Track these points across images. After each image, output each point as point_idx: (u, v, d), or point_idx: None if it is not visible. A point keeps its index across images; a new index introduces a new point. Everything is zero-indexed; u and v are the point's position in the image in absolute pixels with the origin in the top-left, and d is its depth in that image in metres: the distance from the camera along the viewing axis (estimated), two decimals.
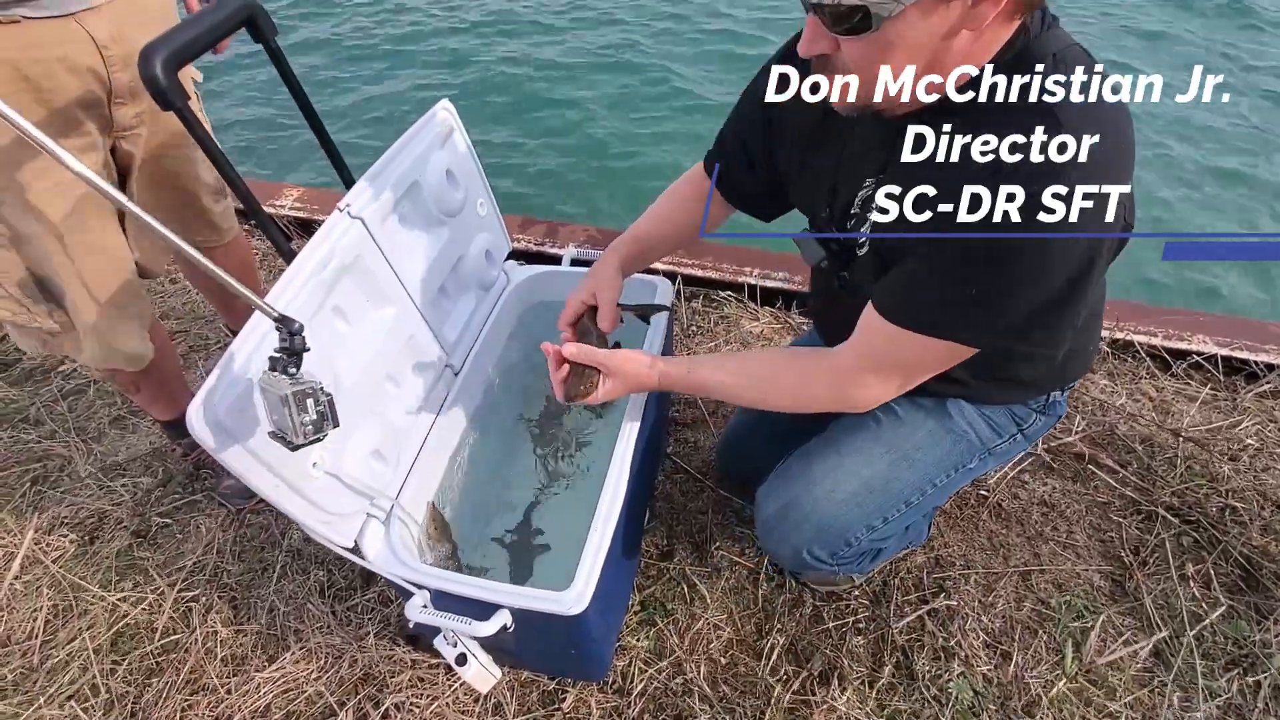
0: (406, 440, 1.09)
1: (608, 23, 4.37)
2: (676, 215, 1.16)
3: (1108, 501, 1.49)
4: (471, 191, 1.19)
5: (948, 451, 1.06)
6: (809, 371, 0.94)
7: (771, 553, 1.13)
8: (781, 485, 1.08)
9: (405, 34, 4.46)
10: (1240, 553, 1.37)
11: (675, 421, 1.70)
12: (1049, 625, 1.32)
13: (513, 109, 3.70)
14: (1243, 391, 1.67)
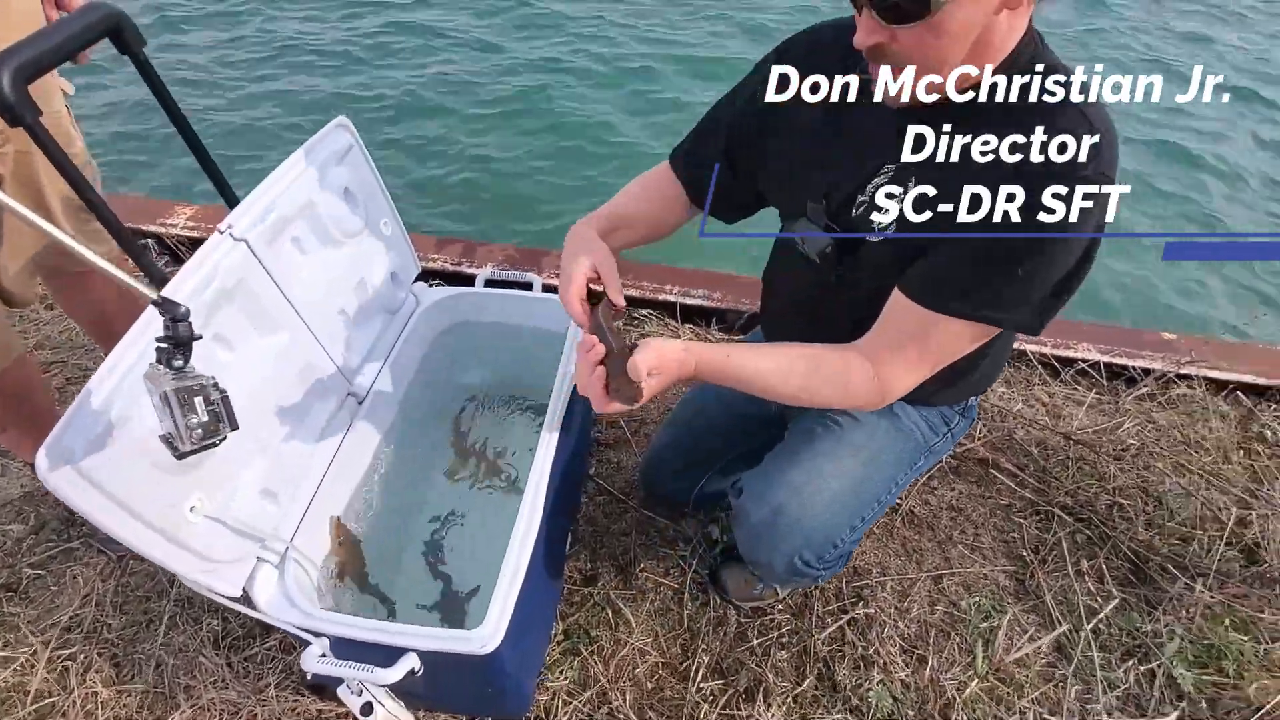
0: (303, 475, 1.02)
1: (525, 38, 4.35)
2: (653, 207, 1.10)
3: (1009, 504, 1.57)
4: (373, 211, 1.14)
5: (903, 449, 1.10)
6: (850, 362, 0.89)
7: (762, 562, 1.07)
8: (764, 493, 1.06)
9: (305, 46, 4.27)
10: (1129, 547, 1.47)
11: (598, 442, 1.67)
12: (960, 627, 1.37)
13: (425, 126, 3.60)
14: (1124, 395, 1.79)
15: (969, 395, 1.14)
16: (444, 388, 1.45)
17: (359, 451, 1.16)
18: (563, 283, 0.93)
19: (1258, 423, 1.75)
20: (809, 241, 0.98)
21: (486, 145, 3.44)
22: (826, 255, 0.96)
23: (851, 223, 0.91)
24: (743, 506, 1.09)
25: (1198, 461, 1.65)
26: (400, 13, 4.57)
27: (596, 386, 0.82)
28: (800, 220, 0.98)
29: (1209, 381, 1.79)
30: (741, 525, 1.09)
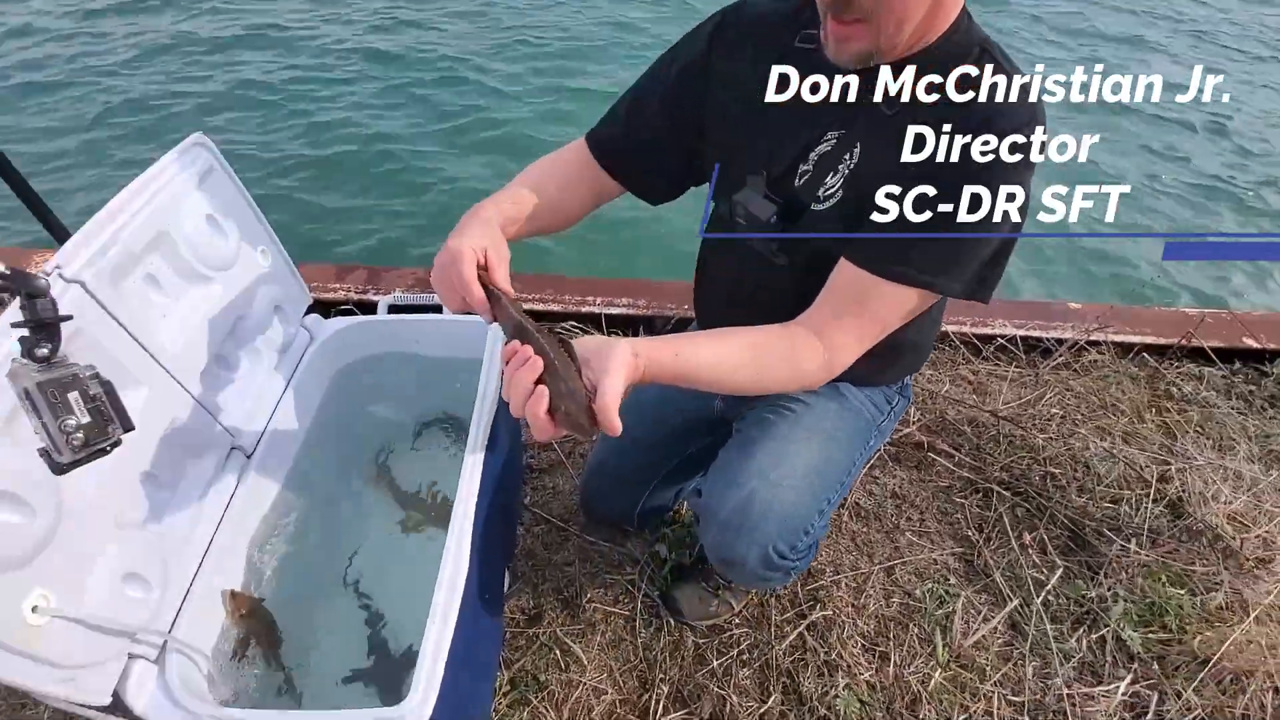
0: (180, 550, 0.87)
1: (404, 48, 4.18)
2: (563, 194, 0.99)
3: (949, 485, 1.57)
4: (247, 239, 1.01)
5: (855, 428, 1.08)
6: (796, 339, 0.85)
7: (735, 560, 0.98)
8: (730, 485, 0.98)
9: (159, 53, 3.86)
10: (1065, 516, 1.49)
11: (530, 468, 1.57)
12: (917, 617, 1.35)
13: (313, 146, 3.37)
14: (1041, 366, 1.85)
15: (905, 375, 1.15)
16: (354, 427, 1.32)
17: (254, 511, 1.02)
18: (449, 259, 0.77)
19: (1164, 381, 1.84)
20: (750, 217, 0.93)
21: (388, 165, 3.26)
22: (770, 226, 0.92)
23: (794, 193, 0.89)
24: (708, 505, 1.01)
25: (1116, 424, 1.70)
26: (265, 16, 4.29)
27: (538, 410, 0.67)
28: (740, 193, 0.94)
29: (1116, 346, 1.87)
30: (710, 524, 1.01)
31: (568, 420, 0.67)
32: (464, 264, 0.77)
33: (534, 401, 0.67)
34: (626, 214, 2.91)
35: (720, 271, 1.11)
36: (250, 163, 3.14)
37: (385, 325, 1.21)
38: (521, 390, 0.68)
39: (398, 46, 4.11)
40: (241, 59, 3.87)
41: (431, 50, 4.06)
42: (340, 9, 4.46)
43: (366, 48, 4.07)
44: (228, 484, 0.97)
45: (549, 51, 4.17)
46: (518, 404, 0.68)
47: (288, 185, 3.08)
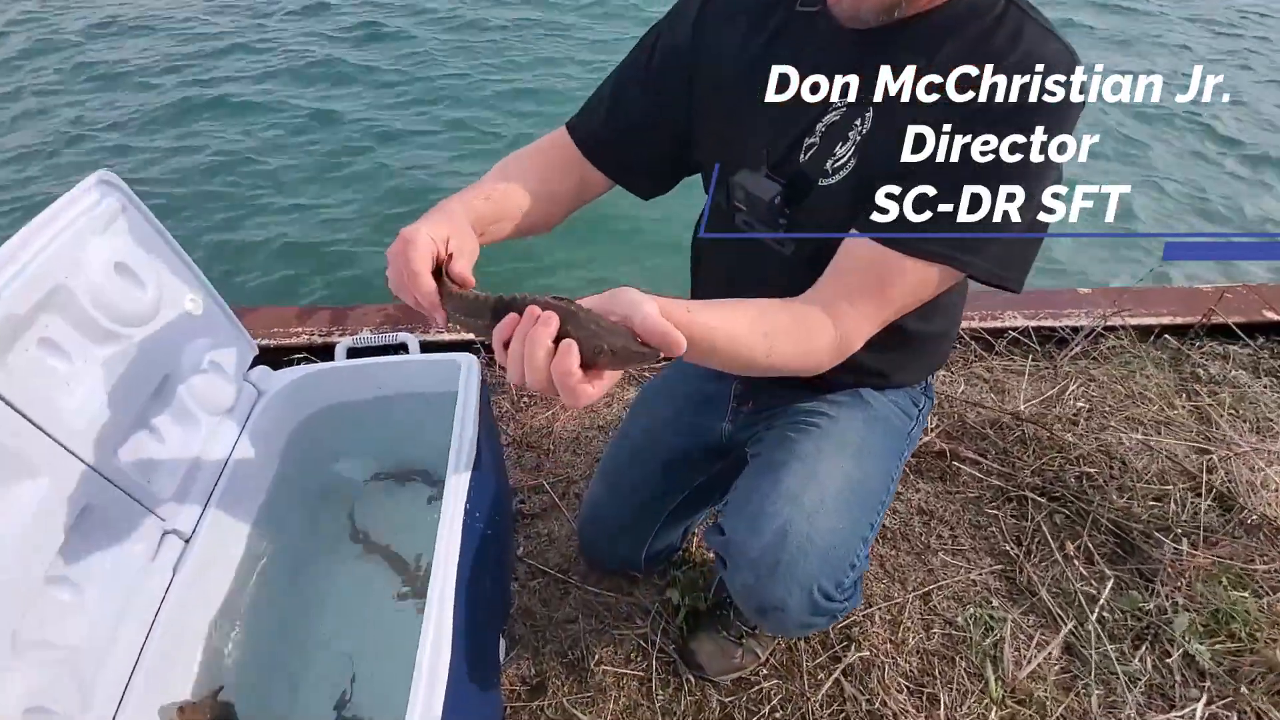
0: (100, 668, 0.72)
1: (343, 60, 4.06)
2: (547, 189, 0.89)
3: (979, 495, 1.44)
4: (170, 287, 0.87)
5: (887, 438, 0.97)
6: (808, 316, 0.76)
7: (774, 606, 0.83)
8: (759, 516, 0.84)
9: (58, 79, 3.65)
10: (1108, 519, 1.37)
11: (521, 514, 1.43)
12: (963, 648, 1.21)
13: (255, 181, 3.20)
14: (1058, 358, 1.73)
15: (929, 372, 1.05)
16: (318, 488, 1.17)
17: (200, 603, 0.87)
18: (399, 248, 0.66)
19: (1189, 363, 1.73)
20: (752, 200, 0.82)
21: (339, 197, 3.12)
22: (773, 207, 0.82)
23: (799, 169, 0.80)
24: (734, 543, 0.87)
25: (1146, 413, 1.59)
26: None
27: (569, 366, 0.52)
28: (738, 174, 0.83)
29: (1135, 329, 1.76)
30: (739, 567, 0.86)
31: (619, 354, 0.53)
32: (415, 249, 0.65)
33: (560, 359, 0.52)
34: (608, 210, 2.80)
35: (719, 264, 1.01)
36: (187, 201, 2.98)
37: (343, 372, 1.08)
38: (540, 352, 0.53)
39: (364, 60, 4.01)
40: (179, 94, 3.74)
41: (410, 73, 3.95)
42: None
43: (319, 68, 3.95)
44: (161, 577, 0.82)
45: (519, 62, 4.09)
46: (539, 373, 0.53)
47: (245, 224, 2.94)
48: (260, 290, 2.64)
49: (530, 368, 0.53)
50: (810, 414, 0.95)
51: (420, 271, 0.65)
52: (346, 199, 3.09)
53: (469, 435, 0.96)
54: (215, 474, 0.91)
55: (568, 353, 0.52)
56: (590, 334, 0.53)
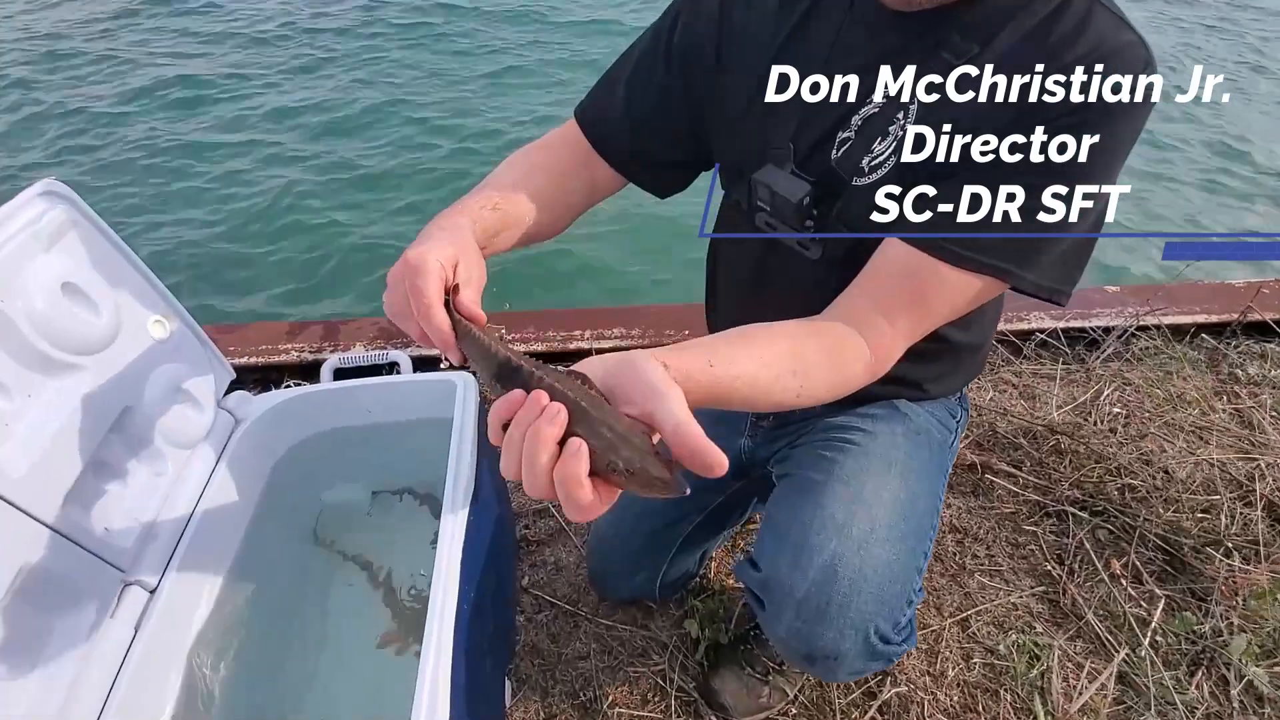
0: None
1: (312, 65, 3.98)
2: (557, 189, 0.80)
3: (1014, 511, 1.35)
4: (128, 309, 0.78)
5: (930, 454, 0.88)
6: (840, 337, 0.68)
7: (824, 652, 0.74)
8: (800, 549, 0.74)
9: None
10: (1155, 534, 1.28)
11: (526, 540, 1.33)
12: (1006, 680, 1.12)
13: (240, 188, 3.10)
14: (1090, 360, 1.65)
15: (966, 382, 0.97)
16: (305, 522, 1.08)
17: (166, 661, 0.77)
18: (405, 274, 0.57)
19: (1226, 363, 1.64)
20: (777, 202, 0.74)
21: (336, 205, 3.03)
22: (801, 208, 0.74)
23: (831, 167, 0.72)
24: (775, 581, 0.76)
25: (1186, 418, 1.50)
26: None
27: (578, 475, 0.42)
28: (761, 171, 0.74)
29: (1170, 329, 1.67)
30: (782, 608, 0.75)
31: (636, 476, 0.43)
32: (426, 279, 0.56)
33: (568, 465, 0.42)
34: (616, 204, 2.71)
35: (738, 266, 0.92)
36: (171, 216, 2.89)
37: (329, 395, 0.99)
38: (544, 454, 0.43)
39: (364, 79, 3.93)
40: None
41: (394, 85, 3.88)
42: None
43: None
44: (119, 634, 0.73)
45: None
46: (539, 477, 0.43)
47: (228, 237, 2.85)
48: (250, 310, 2.55)
49: (530, 467, 0.44)
50: (844, 429, 0.86)
51: (433, 304, 0.56)
52: (341, 206, 3.00)
53: (466, 464, 0.87)
54: (185, 514, 0.82)
55: (576, 458, 0.42)
56: (604, 443, 0.43)
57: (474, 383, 0.99)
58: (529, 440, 0.44)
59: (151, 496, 0.79)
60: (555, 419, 0.43)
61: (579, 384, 0.46)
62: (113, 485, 0.76)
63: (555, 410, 0.44)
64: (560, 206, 0.82)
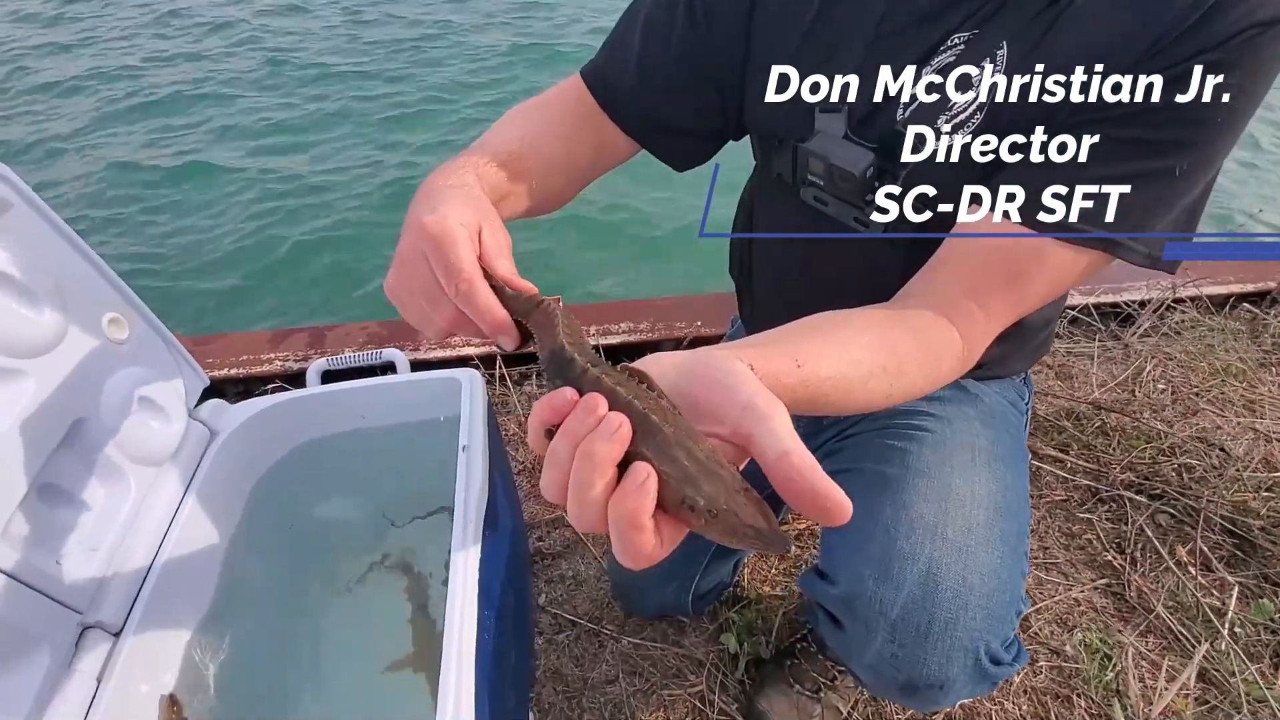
0: None
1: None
2: (566, 150, 0.70)
3: (1066, 498, 1.26)
4: (79, 306, 0.67)
5: (1011, 439, 0.77)
6: (930, 332, 0.56)
7: (927, 681, 0.63)
8: (888, 556, 0.63)
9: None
10: (1220, 516, 1.18)
11: (540, 554, 1.22)
12: (1079, 684, 1.02)
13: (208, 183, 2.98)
14: (1126, 336, 1.56)
15: (1035, 360, 0.87)
16: (296, 544, 0.97)
17: (137, 716, 0.66)
18: (427, 244, 0.45)
19: (1268, 333, 1.56)
20: (834, 175, 0.63)
21: (319, 205, 2.91)
22: (864, 181, 0.63)
23: (897, 130, 0.60)
24: (859, 599, 0.64)
25: (1235, 392, 1.41)
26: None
27: (639, 511, 0.31)
28: (812, 140, 0.64)
29: (1209, 299, 1.59)
30: (872, 632, 0.64)
31: (720, 520, 0.31)
32: (457, 249, 0.45)
33: (629, 501, 0.31)
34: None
35: (778, 253, 0.81)
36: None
37: (317, 400, 0.87)
38: (598, 480, 0.32)
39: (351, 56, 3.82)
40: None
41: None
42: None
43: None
44: (80, 689, 0.61)
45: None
46: (590, 508, 0.33)
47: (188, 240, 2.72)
48: (234, 317, 2.43)
49: (578, 495, 0.33)
50: (909, 414, 0.76)
51: (475, 279, 0.44)
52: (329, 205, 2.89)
53: (477, 473, 0.76)
54: (154, 543, 0.71)
55: (641, 492, 0.31)
56: (680, 472, 0.31)
57: (481, 380, 0.88)
58: (580, 461, 0.32)
59: (111, 523, 0.68)
60: (615, 435, 0.32)
61: (644, 389, 0.35)
62: (64, 511, 0.64)
63: (615, 424, 0.32)
64: (568, 170, 0.71)
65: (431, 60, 4.07)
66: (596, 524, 0.33)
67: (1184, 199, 0.56)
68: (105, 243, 2.67)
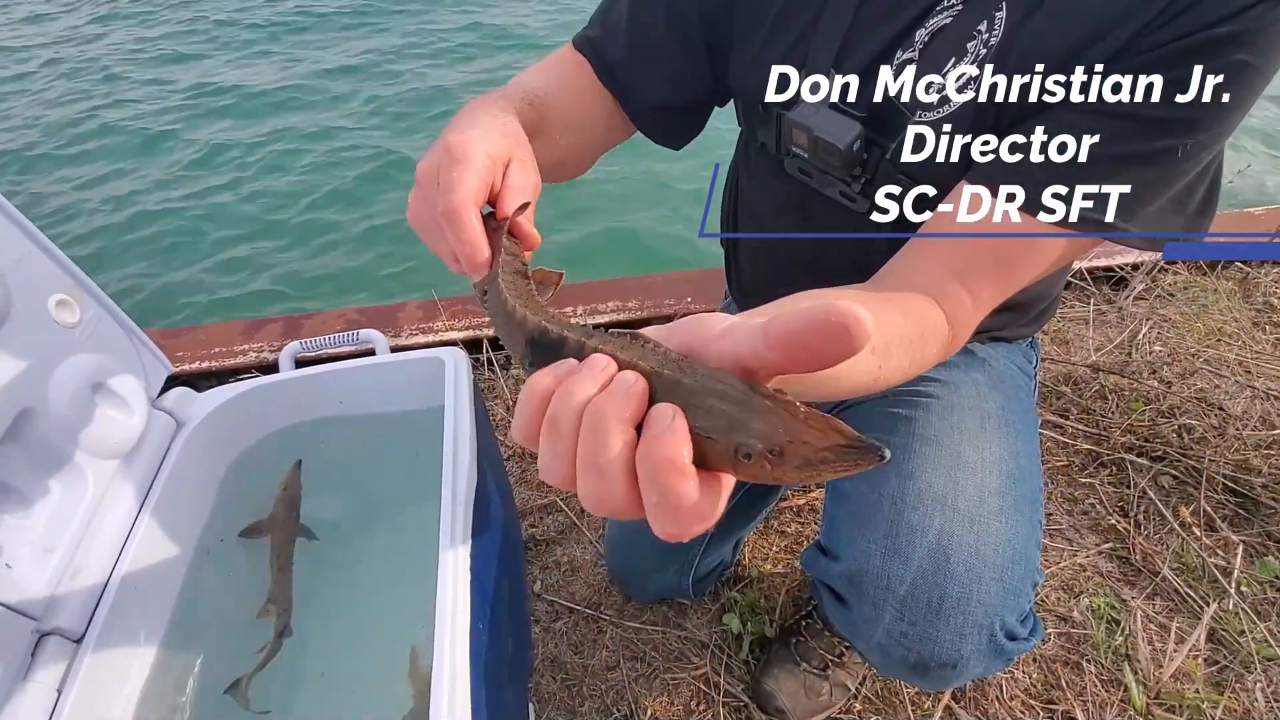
0: None
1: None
2: (583, 113, 0.66)
3: (1067, 463, 1.24)
4: (19, 284, 0.61)
5: (1020, 403, 0.74)
6: (920, 314, 0.53)
7: (939, 660, 0.59)
8: (895, 529, 0.60)
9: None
10: (1222, 475, 1.17)
11: (533, 541, 1.18)
12: (1087, 649, 1.00)
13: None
14: (1120, 299, 1.54)
15: (1043, 323, 0.84)
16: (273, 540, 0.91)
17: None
18: (446, 162, 0.41)
19: (1260, 291, 1.55)
20: (820, 144, 0.59)
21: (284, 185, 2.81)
22: (851, 154, 0.58)
23: (886, 99, 0.56)
24: (866, 575, 0.61)
25: (1230, 352, 1.40)
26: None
27: (673, 464, 0.25)
28: (796, 109, 0.59)
29: (1197, 262, 1.58)
30: (880, 610, 0.61)
31: (792, 460, 0.24)
32: (463, 170, 0.40)
33: (662, 440, 0.25)
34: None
35: (765, 224, 0.78)
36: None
37: (290, 386, 0.82)
38: (615, 437, 0.26)
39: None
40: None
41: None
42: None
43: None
44: (38, 700, 0.56)
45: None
46: (609, 473, 0.26)
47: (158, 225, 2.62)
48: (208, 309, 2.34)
49: (594, 459, 0.26)
50: (914, 381, 0.72)
51: (463, 203, 0.40)
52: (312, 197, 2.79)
53: (465, 457, 0.72)
54: (116, 543, 0.65)
55: (671, 431, 0.25)
56: (721, 422, 0.25)
57: (466, 359, 0.83)
58: (591, 419, 0.26)
59: (68, 522, 0.62)
60: (631, 390, 0.26)
61: (649, 348, 0.29)
62: (12, 510, 0.59)
63: (630, 379, 0.27)
64: (587, 132, 0.66)
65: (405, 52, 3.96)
66: (620, 492, 0.26)
67: (1185, 178, 0.52)
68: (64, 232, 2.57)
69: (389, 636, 0.86)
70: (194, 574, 0.73)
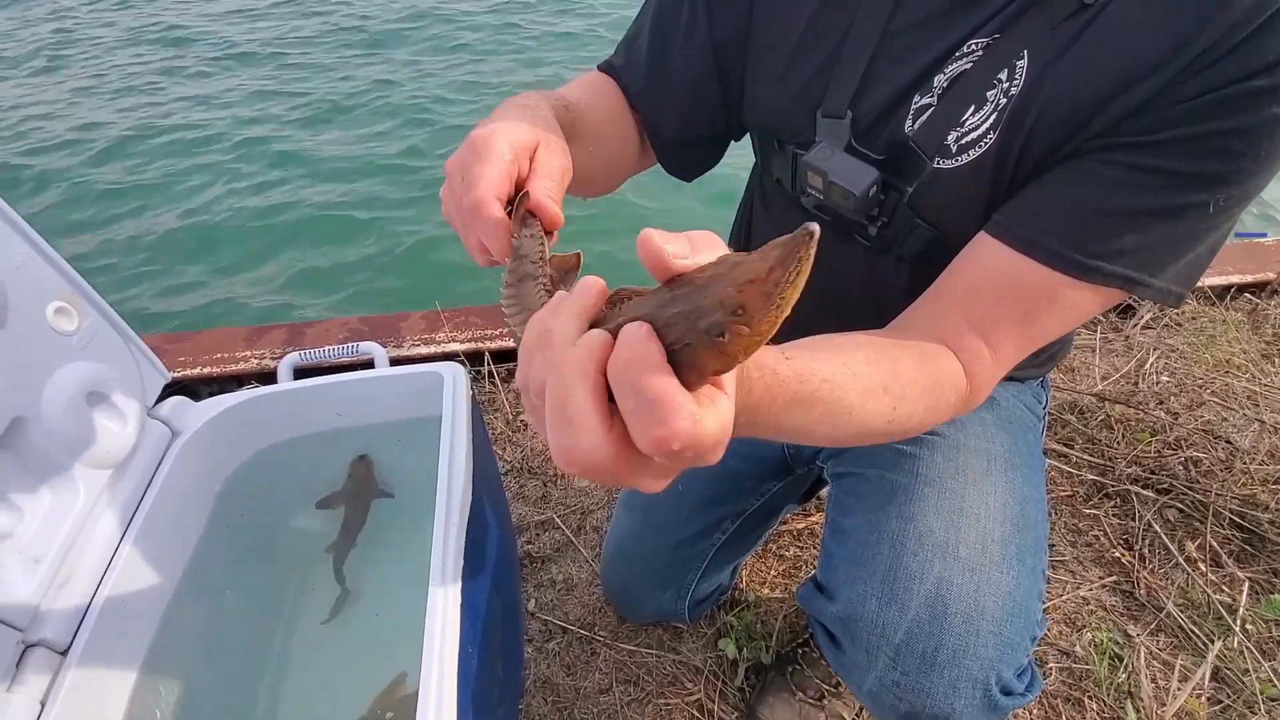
0: None
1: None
2: (613, 125, 0.66)
3: (1072, 494, 1.22)
4: (16, 290, 0.61)
5: (1028, 446, 0.72)
6: (937, 362, 0.52)
7: (930, 713, 0.57)
8: (893, 574, 0.59)
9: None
10: (1229, 510, 1.15)
11: (528, 558, 1.17)
12: (1089, 685, 0.98)
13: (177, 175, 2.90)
14: (1127, 328, 1.53)
15: (1053, 365, 0.82)
16: (266, 555, 0.91)
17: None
18: (470, 156, 0.41)
19: (1269, 323, 1.54)
20: (834, 188, 0.58)
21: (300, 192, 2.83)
22: (868, 200, 0.58)
23: (905, 141, 0.55)
24: (861, 620, 0.59)
25: (1238, 384, 1.39)
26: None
27: (646, 360, 0.23)
28: (813, 151, 0.59)
29: (1210, 290, 1.57)
30: (874, 657, 0.59)
31: (757, 307, 0.22)
32: (485, 164, 0.41)
33: (629, 344, 0.24)
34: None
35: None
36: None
37: (288, 397, 0.82)
38: (573, 326, 0.26)
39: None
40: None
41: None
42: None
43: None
44: (21, 711, 0.55)
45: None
46: (579, 387, 0.25)
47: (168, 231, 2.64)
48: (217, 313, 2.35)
49: (557, 365, 0.26)
50: None
51: (484, 198, 0.40)
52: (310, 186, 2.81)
53: (460, 473, 0.71)
54: (105, 554, 0.65)
55: (637, 340, 0.24)
56: (682, 321, 0.24)
57: (465, 375, 0.83)
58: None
59: (56, 532, 0.62)
60: (638, 339, 0.24)
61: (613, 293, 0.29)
62: (1, 519, 0.58)
63: (638, 333, 0.24)
64: (620, 146, 0.66)
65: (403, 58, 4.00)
66: (588, 406, 0.24)
67: (1215, 233, 0.50)
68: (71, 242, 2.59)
69: (376, 652, 0.85)
70: (187, 586, 0.72)
